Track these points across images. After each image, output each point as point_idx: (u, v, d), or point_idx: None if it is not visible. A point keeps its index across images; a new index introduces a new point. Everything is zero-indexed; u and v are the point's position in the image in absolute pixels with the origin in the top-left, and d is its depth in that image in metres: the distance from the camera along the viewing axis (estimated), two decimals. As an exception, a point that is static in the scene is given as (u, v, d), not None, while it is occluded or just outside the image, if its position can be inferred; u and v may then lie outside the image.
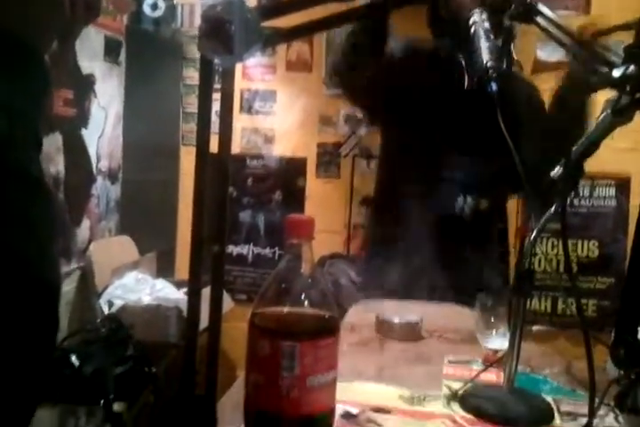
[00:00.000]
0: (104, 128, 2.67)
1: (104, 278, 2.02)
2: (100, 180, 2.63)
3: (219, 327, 0.78)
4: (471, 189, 1.80)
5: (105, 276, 2.03)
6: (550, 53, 2.70)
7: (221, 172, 0.79)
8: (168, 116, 3.02)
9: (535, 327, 1.75)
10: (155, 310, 1.75)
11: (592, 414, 0.78)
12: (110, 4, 2.71)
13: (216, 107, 0.81)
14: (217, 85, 0.78)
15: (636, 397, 0.82)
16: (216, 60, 0.80)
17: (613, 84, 0.81)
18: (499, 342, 1.18)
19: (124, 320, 1.71)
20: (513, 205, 2.09)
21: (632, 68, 0.78)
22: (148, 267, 2.36)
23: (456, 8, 1.73)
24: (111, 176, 2.73)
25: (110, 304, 1.82)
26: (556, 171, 1.02)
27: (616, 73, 0.79)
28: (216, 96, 0.81)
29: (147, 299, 1.83)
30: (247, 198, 3.08)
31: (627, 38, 0.80)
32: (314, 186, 3.09)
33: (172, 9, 3.01)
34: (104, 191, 2.65)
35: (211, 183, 0.81)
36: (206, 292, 0.78)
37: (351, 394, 0.98)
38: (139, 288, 1.92)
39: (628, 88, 0.83)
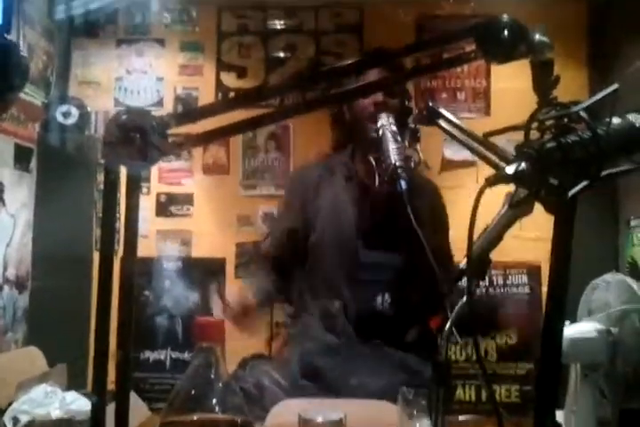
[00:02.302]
0: (12, 236, 2.59)
1: (9, 393, 1.89)
2: (6, 289, 2.53)
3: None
4: (389, 287, 1.83)
5: (10, 391, 1.91)
6: (456, 152, 2.86)
7: (126, 277, 0.77)
8: (81, 223, 2.96)
9: (462, 417, 1.73)
10: (65, 424, 1.64)
11: None
12: (21, 112, 2.71)
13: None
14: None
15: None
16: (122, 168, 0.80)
17: (508, 179, 0.86)
18: (422, 434, 1.16)
19: (31, 436, 1.58)
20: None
21: (523, 164, 0.82)
22: (58, 379, 2.24)
23: (359, 113, 1.84)
24: (18, 285, 2.62)
25: (16, 421, 1.69)
26: (464, 263, 1.05)
27: (509, 170, 0.84)
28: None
29: (56, 413, 1.70)
30: (164, 302, 3.00)
31: (520, 137, 0.85)
32: (233, 287, 3.05)
33: (85, 116, 3.03)
34: (10, 301, 2.54)
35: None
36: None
37: None
38: (48, 402, 1.79)
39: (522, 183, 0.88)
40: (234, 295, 1.99)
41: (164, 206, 3.10)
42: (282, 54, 3.10)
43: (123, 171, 0.81)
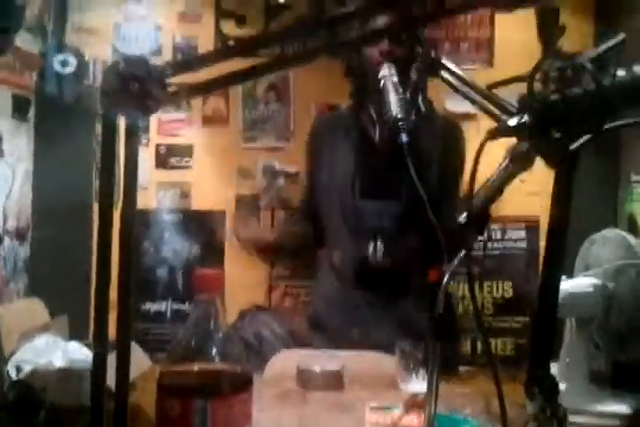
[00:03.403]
0: (11, 187, 2.59)
1: (12, 343, 1.92)
2: (6, 240, 2.53)
3: (125, 390, 0.74)
4: (389, 239, 1.84)
5: (12, 341, 1.94)
6: (458, 104, 2.82)
7: (126, 228, 0.77)
8: (80, 173, 2.95)
9: (462, 368, 1.77)
10: (67, 374, 1.65)
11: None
12: (18, 61, 2.67)
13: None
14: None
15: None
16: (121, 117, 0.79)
17: (511, 132, 0.85)
18: (419, 385, 1.19)
19: (34, 385, 1.61)
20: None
21: (526, 117, 0.81)
22: (60, 329, 2.27)
23: (366, 62, 1.80)
24: (19, 236, 2.62)
25: (19, 369, 1.72)
26: (463, 216, 1.05)
27: (512, 122, 0.83)
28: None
29: (59, 362, 1.73)
30: (164, 253, 3.02)
31: (523, 89, 0.83)
32: (233, 239, 3.06)
33: (83, 65, 2.98)
34: (11, 252, 2.55)
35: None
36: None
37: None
38: (50, 352, 1.82)
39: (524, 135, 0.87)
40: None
41: (164, 158, 3.08)
42: (282, 0, 3.03)
43: (121, 121, 0.80)
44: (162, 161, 3.08)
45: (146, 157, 3.02)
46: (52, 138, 2.83)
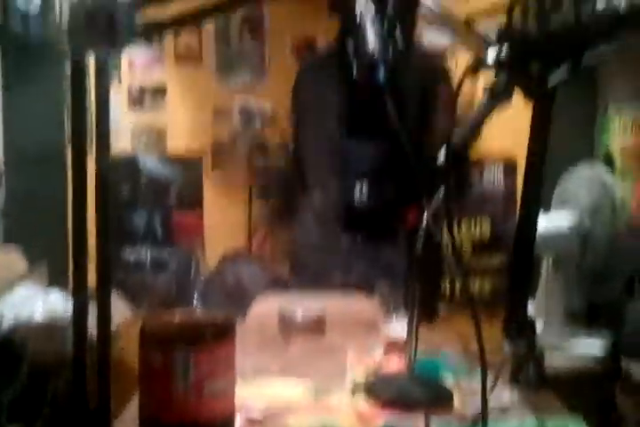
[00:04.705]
0: (-20, 132, 2.52)
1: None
2: (-20, 187, 2.48)
3: (108, 338, 0.74)
4: (369, 178, 1.83)
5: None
6: (435, 38, 2.76)
7: (101, 172, 0.75)
8: (52, 116, 2.87)
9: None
10: (49, 326, 1.66)
11: (485, 389, 0.79)
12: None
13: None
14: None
15: (529, 372, 0.85)
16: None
17: (490, 64, 0.83)
18: (399, 327, 1.20)
19: (16, 339, 1.61)
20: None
21: (505, 48, 0.79)
22: (39, 278, 2.25)
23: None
24: (-8, 182, 2.57)
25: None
26: (442, 155, 1.04)
27: (491, 54, 0.81)
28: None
29: (39, 314, 1.72)
30: (141, 199, 2.98)
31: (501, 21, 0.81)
32: (211, 181, 3.03)
33: (49, 2, 2.86)
34: (-16, 199, 2.50)
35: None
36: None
37: (255, 393, 0.97)
38: (30, 303, 1.81)
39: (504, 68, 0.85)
40: None
41: (137, 100, 3.01)
42: None
43: (91, 60, 0.77)
44: (135, 102, 3.01)
45: (118, 99, 2.95)
46: (20, 80, 2.74)
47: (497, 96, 0.94)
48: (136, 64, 2.98)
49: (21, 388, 1.56)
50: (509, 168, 2.87)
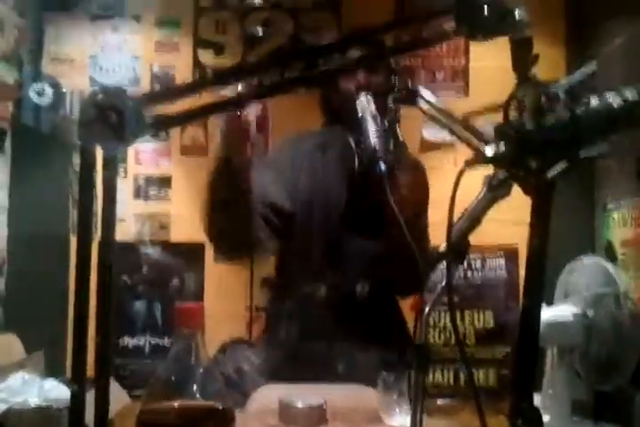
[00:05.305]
0: (-14, 219, 2.55)
1: (-14, 381, 1.87)
2: (-19, 274, 2.49)
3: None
4: (365, 270, 1.83)
5: (-14, 378, 1.89)
6: (435, 133, 2.85)
7: (103, 260, 0.76)
8: (57, 205, 2.93)
9: (440, 401, 1.75)
10: (44, 412, 1.62)
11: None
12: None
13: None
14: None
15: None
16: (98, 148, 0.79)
17: (488, 161, 0.86)
18: (403, 419, 1.17)
19: (9, 425, 1.56)
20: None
21: (502, 145, 0.82)
22: (36, 366, 2.22)
23: (344, 92, 1.82)
24: (-6, 270, 2.58)
25: (-6, 408, 1.66)
26: (442, 246, 1.05)
27: (488, 151, 0.84)
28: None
29: (34, 400, 1.68)
30: (142, 287, 2.98)
31: (498, 118, 0.85)
32: (213, 271, 3.04)
33: (60, 95, 2.97)
34: (-14, 286, 2.50)
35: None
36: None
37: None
38: (25, 390, 1.77)
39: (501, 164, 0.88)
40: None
41: (142, 189, 3.07)
42: (260, 31, 3.06)
43: (99, 152, 0.80)
44: (140, 192, 3.06)
45: (123, 188, 3.00)
46: (28, 169, 2.81)
47: (495, 189, 0.97)
48: (142, 155, 3.06)
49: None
50: (511, 257, 2.88)
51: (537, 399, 0.95)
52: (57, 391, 1.83)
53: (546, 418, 0.93)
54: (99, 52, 3.10)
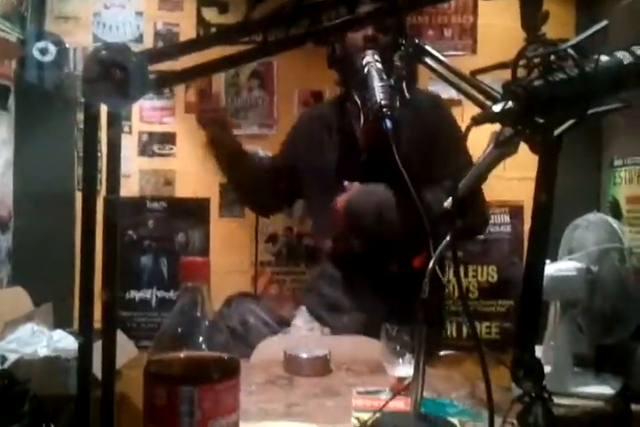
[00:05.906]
0: (-8, 175, 2.56)
1: (-4, 333, 1.90)
2: (-12, 230, 2.51)
3: (112, 379, 0.74)
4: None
5: (-3, 330, 1.92)
6: (442, 91, 2.82)
7: (109, 216, 0.76)
8: (62, 161, 2.93)
9: (443, 352, 1.78)
10: (53, 362, 1.65)
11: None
12: (-4, 48, 2.63)
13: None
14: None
15: (537, 414, 0.85)
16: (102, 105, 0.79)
17: (495, 118, 0.85)
18: (405, 369, 1.20)
19: (19, 375, 1.60)
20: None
21: (510, 103, 0.82)
22: (44, 318, 2.26)
23: (349, 49, 1.80)
24: (1, 225, 2.60)
25: (3, 359, 1.70)
26: (448, 202, 1.06)
27: (496, 108, 0.83)
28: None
29: (43, 351, 1.72)
30: (148, 242, 3.01)
31: (506, 75, 0.84)
32: (218, 226, 3.06)
33: (63, 52, 2.94)
34: (-6, 242, 2.53)
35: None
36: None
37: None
38: (34, 341, 1.80)
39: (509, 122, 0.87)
40: None
41: (146, 146, 3.06)
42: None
43: (103, 108, 0.79)
44: (144, 149, 3.06)
45: (128, 144, 3.00)
46: (32, 126, 2.81)
47: (502, 147, 0.97)
48: (147, 112, 3.04)
49: (24, 425, 1.55)
50: (515, 213, 2.89)
51: (539, 352, 0.97)
52: (65, 342, 1.87)
53: (547, 369, 0.95)
54: (102, 10, 3.06)
